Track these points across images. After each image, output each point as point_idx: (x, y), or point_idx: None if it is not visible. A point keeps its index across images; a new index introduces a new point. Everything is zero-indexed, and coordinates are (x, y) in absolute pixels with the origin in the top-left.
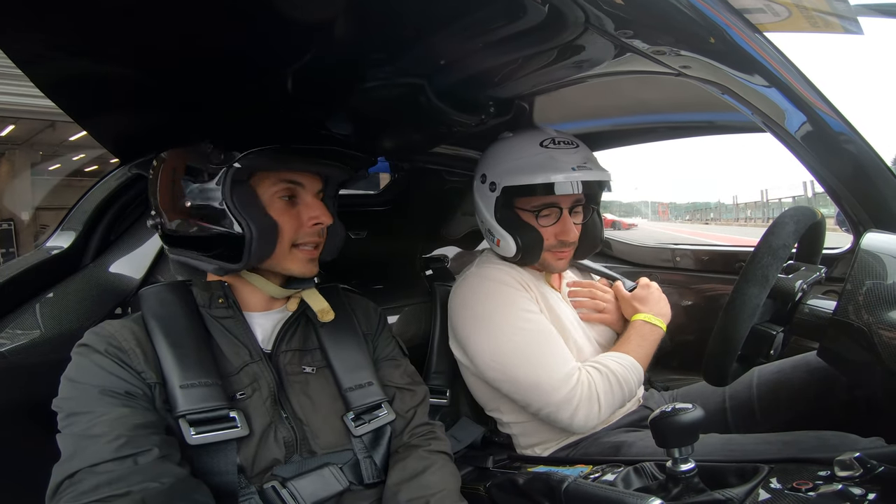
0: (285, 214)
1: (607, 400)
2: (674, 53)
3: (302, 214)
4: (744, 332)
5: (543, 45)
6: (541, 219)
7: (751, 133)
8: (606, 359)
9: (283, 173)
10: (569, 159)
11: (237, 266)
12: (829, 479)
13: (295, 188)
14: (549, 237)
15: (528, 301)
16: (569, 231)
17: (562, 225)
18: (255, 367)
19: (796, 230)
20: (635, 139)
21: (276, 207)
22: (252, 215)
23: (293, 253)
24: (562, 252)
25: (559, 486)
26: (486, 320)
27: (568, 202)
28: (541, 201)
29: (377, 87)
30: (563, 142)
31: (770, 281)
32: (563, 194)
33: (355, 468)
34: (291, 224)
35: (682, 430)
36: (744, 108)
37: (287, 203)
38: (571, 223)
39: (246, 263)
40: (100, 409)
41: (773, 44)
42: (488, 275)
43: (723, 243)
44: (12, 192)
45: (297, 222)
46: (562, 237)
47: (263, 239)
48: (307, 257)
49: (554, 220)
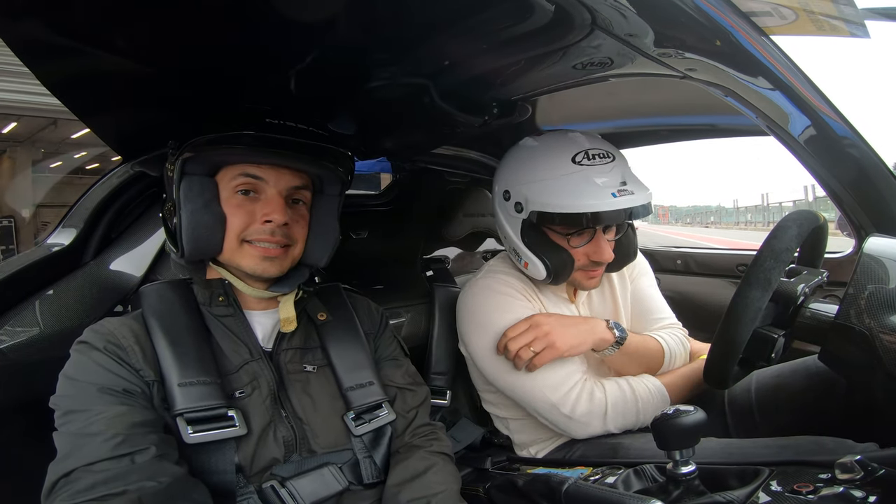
0: (238, 209)
1: (616, 411)
2: (679, 56)
3: (257, 211)
4: (746, 335)
5: (549, 46)
6: (572, 239)
7: (753, 136)
8: (635, 379)
9: (241, 166)
10: (608, 180)
11: (176, 254)
12: (829, 481)
13: (255, 183)
14: (581, 258)
15: (528, 311)
16: (603, 251)
17: (595, 245)
18: (254, 366)
19: (799, 234)
20: (637, 142)
21: (231, 201)
22: (192, 207)
23: (244, 248)
24: (594, 271)
25: (559, 487)
26: (488, 327)
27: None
28: (574, 226)
29: (380, 88)
30: (598, 155)
31: (772, 284)
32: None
33: (355, 468)
34: (241, 218)
35: (684, 433)
36: (748, 111)
37: (245, 198)
38: (606, 243)
39: (183, 253)
40: (97, 407)
41: (778, 47)
42: (492, 286)
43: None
44: (13, 189)
45: (250, 218)
46: (595, 258)
47: (198, 230)
48: (260, 255)
49: (587, 240)
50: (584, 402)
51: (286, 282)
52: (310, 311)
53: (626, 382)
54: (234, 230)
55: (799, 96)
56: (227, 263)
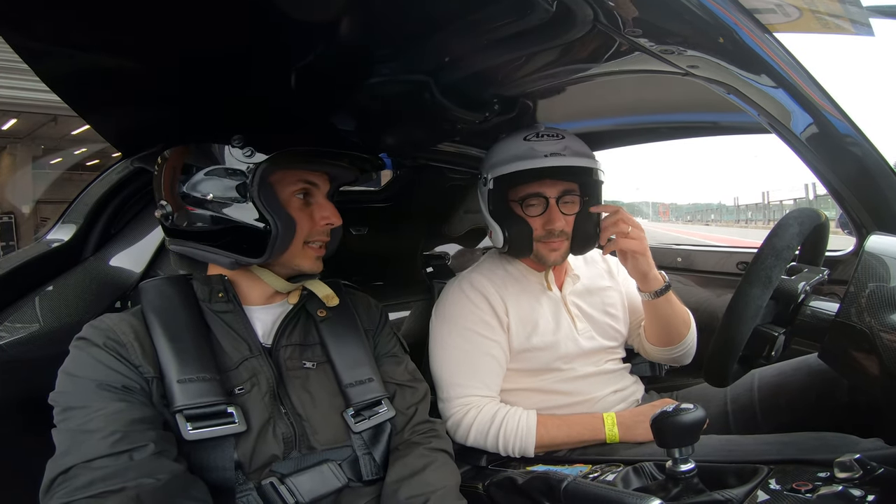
0: (301, 213)
1: (478, 433)
2: (682, 53)
3: (315, 214)
4: (746, 333)
5: (550, 42)
6: (527, 209)
7: (754, 134)
8: (525, 414)
9: (302, 173)
10: (545, 148)
11: (258, 260)
12: (828, 480)
13: (310, 188)
14: (538, 227)
15: (481, 321)
16: (555, 219)
17: (549, 214)
18: (254, 362)
19: (800, 232)
20: (638, 139)
21: (293, 205)
22: (277, 212)
23: (305, 250)
24: (553, 242)
25: (559, 485)
26: (443, 321)
27: (554, 192)
28: (526, 191)
29: (381, 84)
30: (548, 134)
31: (773, 282)
32: (549, 184)
33: (354, 465)
34: (306, 222)
35: (684, 431)
36: (750, 108)
37: (302, 202)
38: (558, 213)
39: (268, 257)
40: (96, 403)
41: (781, 44)
42: (467, 282)
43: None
44: (13, 185)
45: (311, 221)
46: (549, 226)
47: (285, 234)
48: (316, 255)
49: (541, 210)
50: (464, 420)
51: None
52: (309, 308)
53: (503, 414)
54: (302, 233)
55: (801, 94)
56: (282, 264)
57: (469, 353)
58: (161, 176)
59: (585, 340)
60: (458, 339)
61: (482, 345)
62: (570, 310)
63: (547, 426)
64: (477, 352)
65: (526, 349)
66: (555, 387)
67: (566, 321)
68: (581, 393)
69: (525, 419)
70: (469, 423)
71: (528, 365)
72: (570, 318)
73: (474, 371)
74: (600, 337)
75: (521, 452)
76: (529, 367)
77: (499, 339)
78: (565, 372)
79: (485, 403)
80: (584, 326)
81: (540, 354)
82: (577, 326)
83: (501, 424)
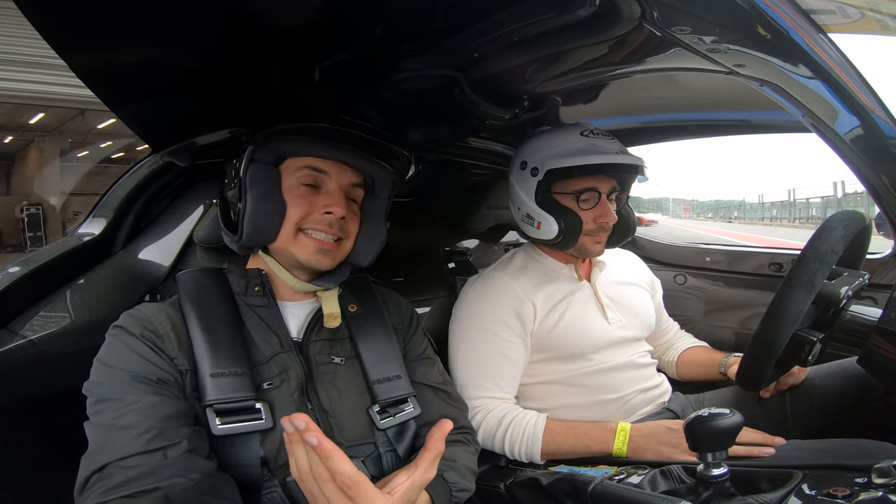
0: (300, 199)
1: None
2: (729, 51)
3: (317, 202)
4: (785, 337)
5: (591, 39)
6: (581, 202)
7: (787, 133)
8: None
9: (306, 159)
10: (609, 146)
11: (234, 238)
12: (865, 486)
13: (319, 176)
14: (589, 221)
15: (500, 322)
16: (608, 214)
17: (601, 208)
18: (284, 357)
19: (845, 235)
20: (666, 137)
21: (294, 191)
22: (255, 193)
23: (299, 239)
24: (599, 236)
25: (585, 487)
26: (461, 321)
27: (606, 188)
28: (581, 185)
29: (409, 79)
30: (601, 133)
31: (816, 287)
32: (603, 179)
33: (377, 462)
34: (301, 208)
35: (719, 435)
36: (794, 108)
37: (307, 189)
38: (610, 208)
39: (241, 237)
40: (130, 396)
41: (834, 44)
42: (489, 282)
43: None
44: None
45: (310, 208)
46: (601, 220)
47: (259, 217)
48: (316, 246)
49: (593, 205)
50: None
51: (331, 277)
52: (340, 302)
53: (511, 417)
54: (292, 219)
55: (851, 95)
56: (279, 252)
57: (485, 354)
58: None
59: (617, 329)
60: (475, 340)
61: (499, 346)
62: (600, 299)
63: (554, 433)
64: (493, 353)
65: (554, 336)
66: (582, 380)
67: (596, 310)
68: (607, 390)
69: (533, 425)
70: (478, 425)
71: (556, 353)
72: (601, 306)
73: (489, 372)
74: (631, 327)
75: (528, 458)
76: (557, 356)
77: (517, 340)
78: (593, 362)
79: (495, 405)
80: (615, 316)
81: (569, 340)
82: (607, 316)
83: (508, 428)
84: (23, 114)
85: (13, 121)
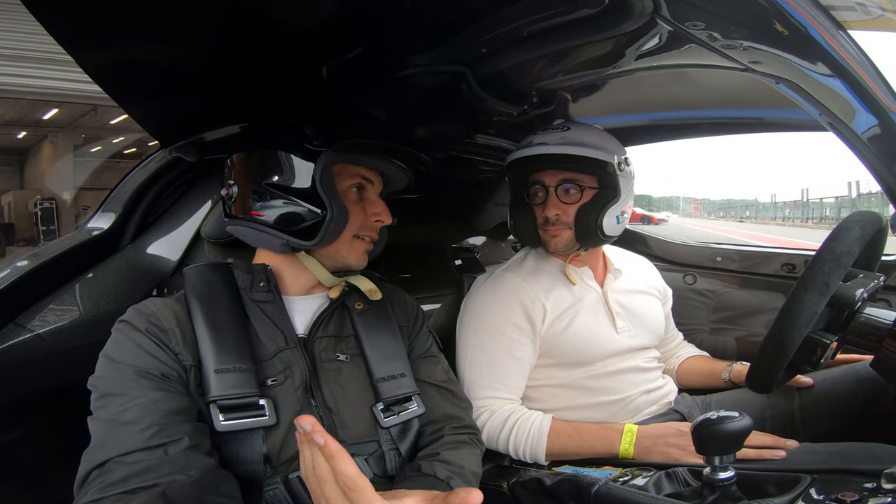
0: (355, 205)
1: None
2: (745, 48)
3: (367, 209)
4: (798, 339)
5: (602, 34)
6: (531, 197)
7: (801, 132)
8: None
9: (360, 168)
10: (543, 139)
11: (309, 244)
12: (874, 491)
13: (365, 184)
14: (539, 215)
15: (510, 322)
16: (551, 206)
17: (546, 202)
18: (289, 354)
19: (862, 236)
20: (677, 135)
21: (348, 198)
22: (334, 199)
23: (353, 243)
24: (550, 230)
25: (589, 489)
26: (470, 320)
27: (552, 181)
28: (529, 180)
29: (415, 75)
30: (554, 127)
31: (831, 289)
32: (550, 173)
33: (380, 460)
34: (359, 215)
35: (728, 439)
36: (810, 106)
37: (357, 195)
38: (553, 200)
39: (318, 242)
40: (134, 391)
41: (854, 41)
42: (499, 282)
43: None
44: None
45: (363, 215)
46: (545, 213)
47: (338, 222)
48: (364, 249)
49: (542, 200)
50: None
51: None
52: (346, 299)
53: (516, 418)
54: (354, 225)
55: (868, 93)
56: (324, 253)
57: (493, 354)
58: (233, 157)
59: (624, 338)
60: (483, 339)
61: (508, 346)
62: (611, 306)
63: (559, 434)
64: (502, 353)
65: (561, 343)
66: (584, 383)
67: (605, 318)
68: (611, 391)
69: (538, 425)
70: (482, 425)
71: (561, 360)
72: (611, 314)
73: (496, 373)
74: (639, 336)
75: (532, 458)
76: (562, 362)
77: (526, 340)
78: (597, 367)
79: (500, 406)
80: (624, 324)
81: (575, 348)
82: (616, 324)
83: (513, 429)
84: (37, 110)
85: (27, 117)
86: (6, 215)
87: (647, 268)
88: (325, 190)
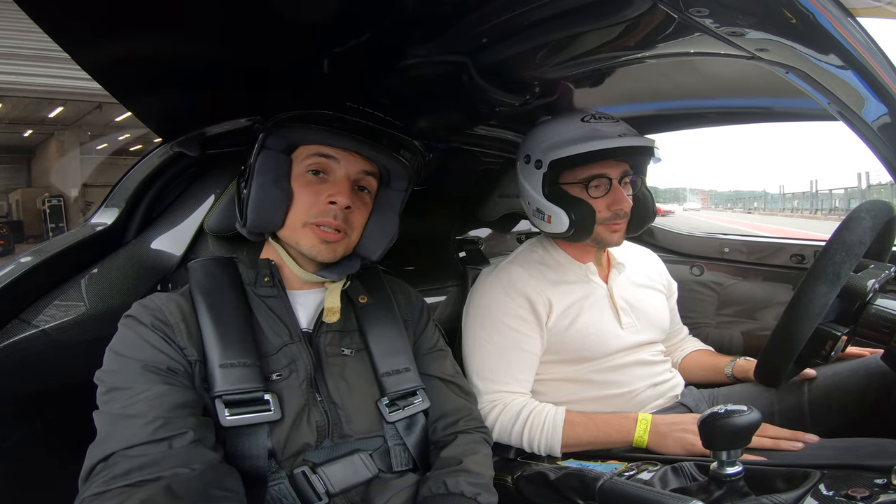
0: (306, 187)
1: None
2: (750, 35)
3: (324, 192)
4: (808, 332)
5: (603, 21)
6: (591, 190)
7: (810, 121)
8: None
9: (315, 147)
10: (612, 129)
11: (238, 224)
12: (885, 487)
13: (327, 163)
14: (602, 209)
15: (516, 316)
16: (621, 200)
17: (613, 195)
18: (293, 348)
19: (873, 226)
20: (684, 124)
21: (301, 180)
22: (262, 180)
23: (305, 229)
24: (616, 224)
25: (594, 483)
26: (476, 313)
27: (616, 173)
28: (589, 172)
29: (416, 65)
30: (604, 117)
31: (842, 280)
32: (612, 164)
33: (385, 456)
34: (307, 199)
35: (736, 433)
36: (819, 95)
37: (314, 178)
38: (622, 193)
39: (244, 223)
40: (140, 385)
41: (863, 28)
42: (505, 274)
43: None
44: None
45: (315, 198)
46: (615, 207)
47: (264, 203)
48: (320, 238)
49: (604, 192)
50: (497, 418)
51: (336, 269)
52: (350, 293)
53: (529, 410)
54: (299, 209)
55: (878, 81)
56: (286, 241)
57: (501, 347)
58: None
59: (629, 334)
60: (490, 332)
61: (515, 339)
62: (615, 303)
63: (574, 425)
64: (510, 346)
65: (566, 340)
66: (589, 376)
67: (611, 314)
68: (616, 385)
69: (552, 417)
70: (494, 419)
71: (566, 356)
72: (616, 310)
73: (505, 366)
74: (644, 331)
75: (547, 451)
76: (567, 358)
77: (534, 334)
78: (602, 362)
79: (512, 399)
80: (629, 320)
81: (580, 345)
82: (621, 320)
83: (527, 421)
84: (42, 108)
85: (33, 115)
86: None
87: (650, 259)
88: (256, 171)
